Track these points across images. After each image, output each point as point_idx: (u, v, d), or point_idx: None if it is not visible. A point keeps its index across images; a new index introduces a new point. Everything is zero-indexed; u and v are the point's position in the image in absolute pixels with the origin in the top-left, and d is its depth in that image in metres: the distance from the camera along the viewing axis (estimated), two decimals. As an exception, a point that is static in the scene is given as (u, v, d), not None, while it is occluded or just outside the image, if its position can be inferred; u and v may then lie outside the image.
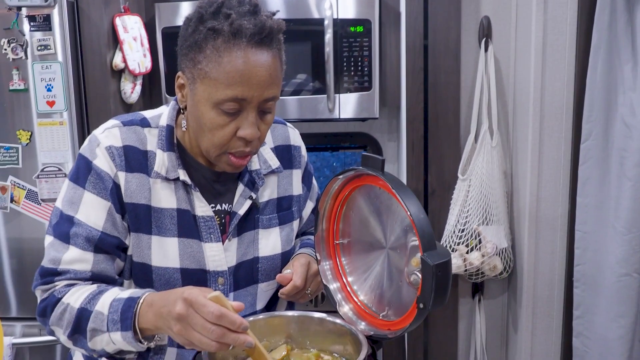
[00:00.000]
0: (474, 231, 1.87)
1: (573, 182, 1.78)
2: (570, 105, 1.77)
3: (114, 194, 1.05)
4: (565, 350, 1.89)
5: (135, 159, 1.06)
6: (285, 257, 1.19)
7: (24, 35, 1.81)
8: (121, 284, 1.10)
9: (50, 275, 1.03)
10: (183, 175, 1.08)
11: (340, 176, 1.05)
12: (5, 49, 1.81)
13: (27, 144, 1.89)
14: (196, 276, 1.09)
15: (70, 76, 1.85)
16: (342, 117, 2.06)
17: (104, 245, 1.04)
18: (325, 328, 1.06)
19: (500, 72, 1.93)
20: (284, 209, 1.20)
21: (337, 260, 1.15)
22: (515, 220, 1.95)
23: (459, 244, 1.89)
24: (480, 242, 1.88)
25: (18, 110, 1.88)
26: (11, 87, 1.85)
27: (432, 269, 0.88)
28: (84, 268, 1.03)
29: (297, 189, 1.24)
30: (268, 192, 1.18)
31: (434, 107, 1.93)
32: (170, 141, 1.09)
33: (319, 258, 1.14)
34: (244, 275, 1.14)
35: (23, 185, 1.92)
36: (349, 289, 1.13)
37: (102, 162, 1.04)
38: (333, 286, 1.13)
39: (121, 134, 1.07)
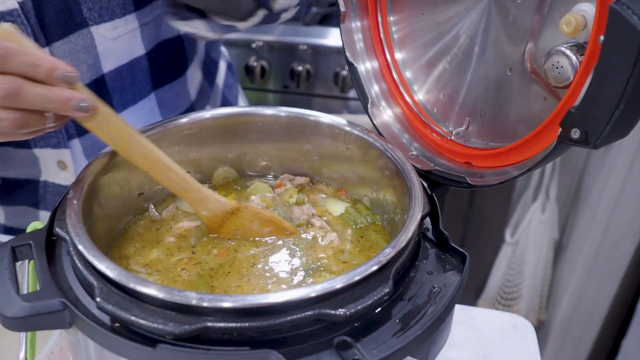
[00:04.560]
0: None
1: None
2: None
3: None
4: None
5: None
6: None
7: None
8: None
9: None
10: None
11: None
12: None
13: None
14: None
15: None
16: None
17: None
18: (341, 148, 0.54)
19: None
20: None
21: (380, 22, 0.58)
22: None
23: None
24: None
25: None
26: None
27: (639, 43, 0.32)
28: None
29: None
30: None
31: None
32: None
33: (343, 10, 0.57)
34: (57, 10, 0.62)
35: None
36: (400, 86, 0.58)
37: None
38: (373, 89, 0.58)
39: None
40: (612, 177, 1.41)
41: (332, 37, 1.38)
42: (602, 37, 0.35)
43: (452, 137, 0.53)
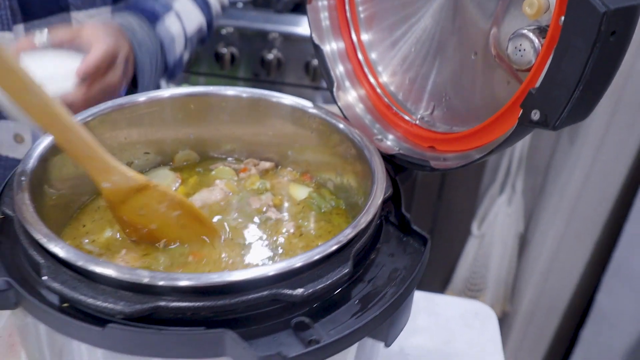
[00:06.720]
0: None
1: None
2: None
3: None
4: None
5: None
6: None
7: None
8: None
9: None
10: None
11: None
12: None
13: None
14: None
15: None
16: None
17: None
18: (305, 131, 0.53)
19: None
20: None
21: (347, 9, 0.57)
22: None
23: None
24: None
25: None
26: None
27: (598, 23, 0.32)
28: None
29: None
30: None
31: None
32: None
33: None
34: None
35: None
36: (365, 67, 0.57)
37: None
38: (338, 69, 0.57)
39: None
40: (576, 171, 1.43)
41: (304, 26, 1.37)
42: (562, 18, 0.35)
43: (417, 122, 0.53)
